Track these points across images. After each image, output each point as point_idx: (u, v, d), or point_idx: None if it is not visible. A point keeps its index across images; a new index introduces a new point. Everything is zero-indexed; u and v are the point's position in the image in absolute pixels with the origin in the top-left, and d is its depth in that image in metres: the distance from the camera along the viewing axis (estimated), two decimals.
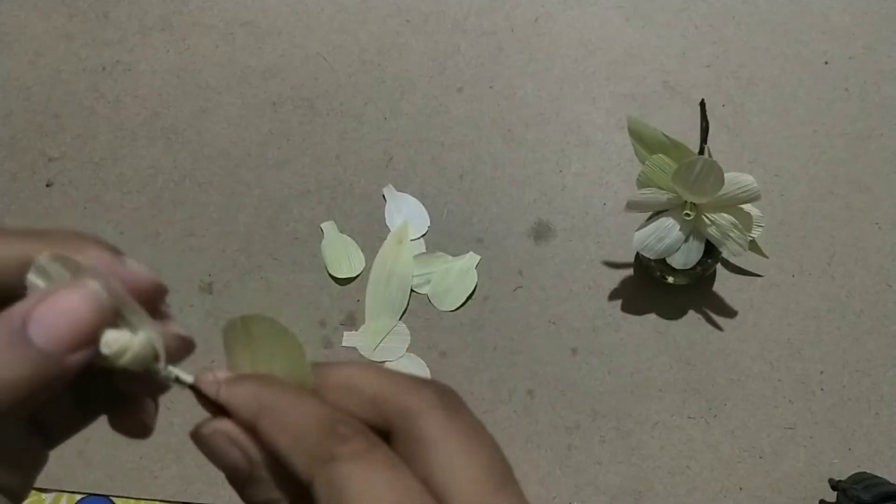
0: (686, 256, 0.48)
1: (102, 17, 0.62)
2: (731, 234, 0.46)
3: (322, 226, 0.55)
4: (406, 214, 0.55)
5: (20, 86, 0.60)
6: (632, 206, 0.47)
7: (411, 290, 0.54)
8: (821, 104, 0.57)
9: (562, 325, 0.53)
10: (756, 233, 0.48)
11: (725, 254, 0.48)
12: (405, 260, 0.54)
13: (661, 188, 0.46)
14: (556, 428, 0.50)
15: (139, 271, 0.20)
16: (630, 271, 0.54)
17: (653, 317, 0.53)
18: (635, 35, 0.60)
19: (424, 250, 0.55)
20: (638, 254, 0.53)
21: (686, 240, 0.47)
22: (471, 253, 0.54)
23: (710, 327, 0.52)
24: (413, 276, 0.54)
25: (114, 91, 0.60)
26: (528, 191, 0.56)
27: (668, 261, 0.48)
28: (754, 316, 0.52)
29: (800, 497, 0.49)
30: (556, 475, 0.50)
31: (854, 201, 0.55)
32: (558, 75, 0.59)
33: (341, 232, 0.55)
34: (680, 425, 0.50)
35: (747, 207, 0.47)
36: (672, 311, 0.53)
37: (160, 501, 0.50)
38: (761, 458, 0.49)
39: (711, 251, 0.49)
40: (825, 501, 0.48)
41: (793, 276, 0.53)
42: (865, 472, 0.47)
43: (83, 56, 0.61)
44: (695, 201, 0.46)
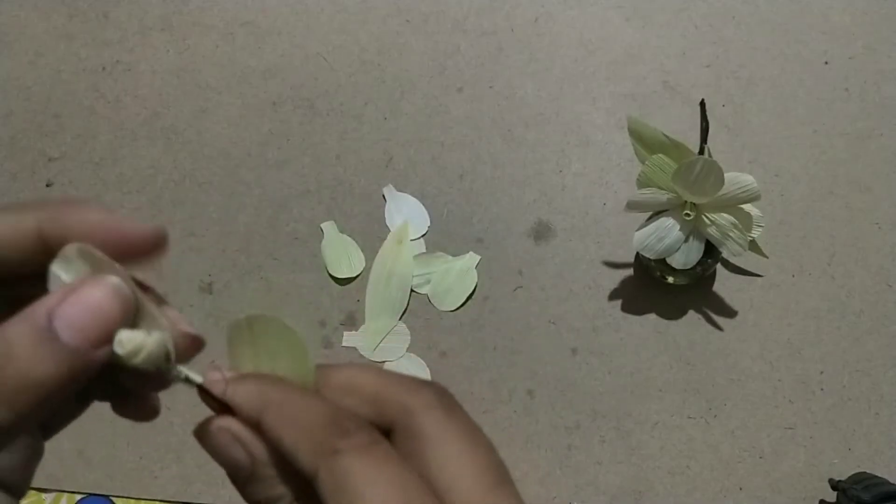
0: (686, 256, 0.48)
1: (102, 17, 0.62)
2: (731, 234, 0.46)
3: (322, 226, 0.55)
4: (406, 214, 0.55)
5: (20, 86, 0.60)
6: (632, 206, 0.47)
7: (411, 290, 0.54)
8: (821, 104, 0.57)
9: (562, 325, 0.53)
10: (756, 233, 0.48)
11: (725, 254, 0.48)
12: (405, 260, 0.54)
13: (661, 188, 0.46)
14: (556, 428, 0.50)
15: (137, 225, 0.20)
16: (630, 271, 0.54)
17: (653, 317, 0.53)
18: (635, 35, 0.60)
19: (424, 250, 0.55)
20: (638, 254, 0.53)
21: (686, 240, 0.47)
22: (471, 253, 0.54)
23: (710, 327, 0.52)
24: (413, 276, 0.54)
25: (114, 91, 0.60)
26: (528, 191, 0.56)
27: (668, 261, 0.48)
28: (754, 316, 0.52)
29: (800, 497, 0.49)
30: (556, 475, 0.50)
31: (854, 201, 0.55)
32: (558, 75, 0.59)
33: (341, 232, 0.55)
34: (680, 425, 0.50)
35: (747, 207, 0.47)
36: (672, 311, 0.53)
37: (160, 501, 0.50)
38: (761, 458, 0.49)
39: (711, 251, 0.49)
40: (825, 501, 0.48)
41: (793, 276, 0.53)
42: (865, 472, 0.47)
43: (83, 56, 0.61)
44: (695, 201, 0.46)
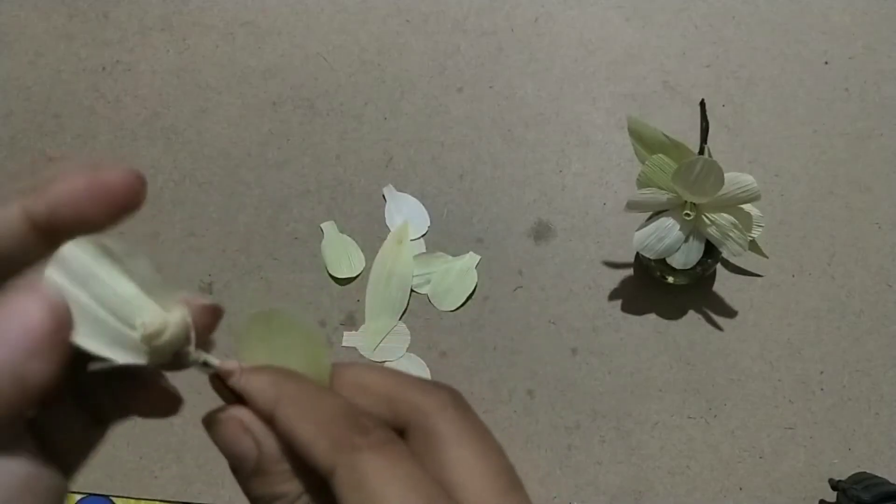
0: (686, 256, 0.48)
1: (102, 17, 0.62)
2: (731, 234, 0.46)
3: (322, 226, 0.55)
4: (406, 214, 0.55)
5: (20, 86, 0.60)
6: (632, 206, 0.47)
7: (411, 290, 0.54)
8: (821, 104, 0.57)
9: (562, 325, 0.53)
10: (756, 233, 0.48)
11: (725, 254, 0.48)
12: (405, 260, 0.54)
13: (661, 188, 0.46)
14: (556, 428, 0.50)
15: (116, 172, 0.19)
16: (630, 271, 0.54)
17: (653, 317, 0.53)
18: (635, 35, 0.60)
19: (424, 250, 0.55)
20: (638, 254, 0.53)
21: (686, 240, 0.47)
22: (471, 253, 0.54)
23: (710, 327, 0.52)
24: (413, 276, 0.54)
25: (114, 91, 0.60)
26: (528, 191, 0.56)
27: (668, 261, 0.48)
28: (754, 316, 0.52)
29: (800, 497, 0.49)
30: (556, 475, 0.50)
31: (854, 201, 0.55)
32: (558, 75, 0.59)
33: (341, 232, 0.55)
34: (680, 425, 0.50)
35: (747, 207, 0.47)
36: (672, 311, 0.53)
37: (160, 501, 0.50)
38: (761, 458, 0.49)
39: (711, 251, 0.49)
40: (825, 501, 0.48)
41: (793, 276, 0.53)
42: (865, 472, 0.47)
43: (83, 56, 0.61)
44: (695, 201, 0.46)
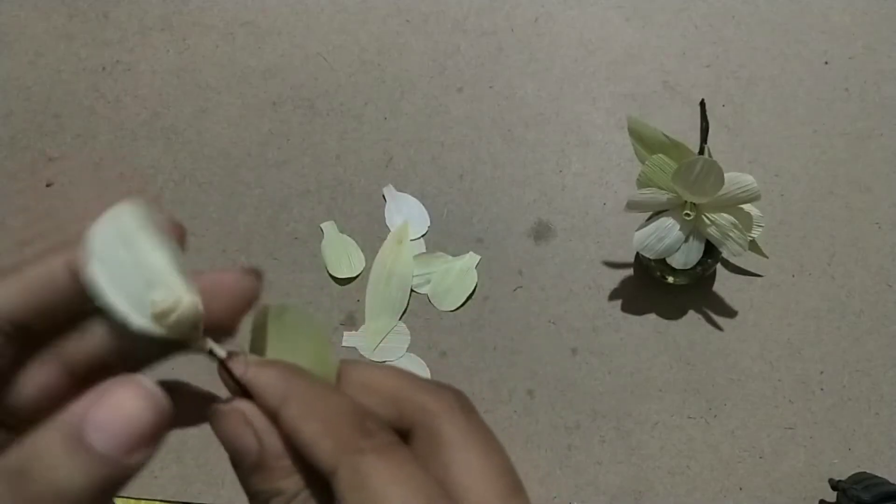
0: (686, 256, 0.48)
1: (102, 17, 0.62)
2: (731, 234, 0.46)
3: (322, 226, 0.55)
4: (406, 214, 0.55)
5: (20, 86, 0.60)
6: (632, 206, 0.47)
7: (411, 290, 0.54)
8: (821, 104, 0.57)
9: (562, 325, 0.53)
10: (756, 233, 0.48)
11: (725, 254, 0.48)
12: (405, 260, 0.54)
13: (661, 188, 0.46)
14: (556, 428, 0.50)
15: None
16: (630, 271, 0.54)
17: (653, 317, 0.53)
18: (635, 35, 0.60)
19: (424, 250, 0.55)
20: (638, 254, 0.53)
21: (686, 240, 0.47)
22: (471, 253, 0.54)
23: (710, 327, 0.52)
24: (413, 276, 0.54)
25: (114, 91, 0.60)
26: (528, 191, 0.56)
27: (668, 261, 0.48)
28: (754, 316, 0.52)
29: (800, 497, 0.49)
30: (556, 475, 0.50)
31: (854, 201, 0.55)
32: (558, 75, 0.59)
33: (341, 232, 0.55)
34: (680, 425, 0.50)
35: (747, 207, 0.47)
36: (672, 311, 0.53)
37: (160, 501, 0.50)
38: (761, 458, 0.49)
39: (711, 251, 0.49)
40: (825, 501, 0.48)
41: (793, 276, 0.53)
42: (865, 472, 0.47)
43: (83, 56, 0.61)
44: (695, 201, 0.46)
